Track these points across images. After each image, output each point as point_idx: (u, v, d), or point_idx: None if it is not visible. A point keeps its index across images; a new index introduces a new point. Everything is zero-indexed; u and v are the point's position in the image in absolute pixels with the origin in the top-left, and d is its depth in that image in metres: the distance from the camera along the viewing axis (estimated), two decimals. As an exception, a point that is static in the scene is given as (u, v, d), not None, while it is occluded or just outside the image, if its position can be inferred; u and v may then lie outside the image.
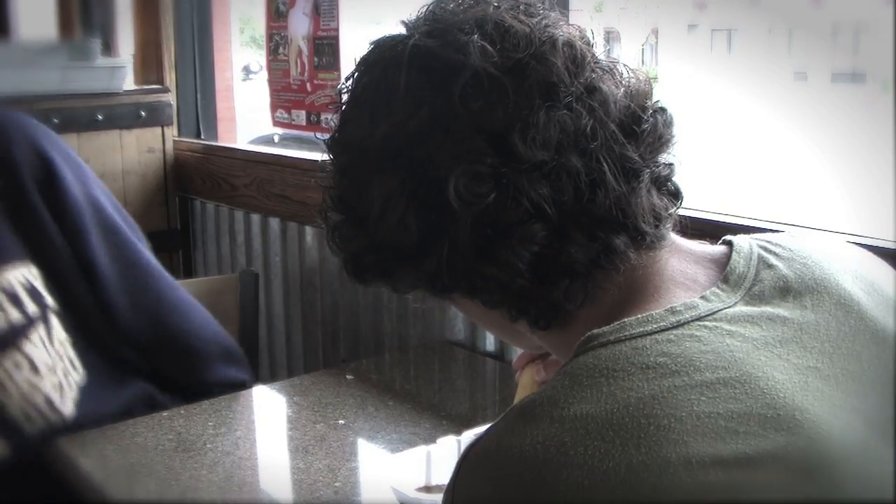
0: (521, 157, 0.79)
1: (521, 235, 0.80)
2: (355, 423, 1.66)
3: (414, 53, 0.83)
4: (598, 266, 0.82)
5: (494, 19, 0.83)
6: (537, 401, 0.75)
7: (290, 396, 1.77)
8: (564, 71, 0.81)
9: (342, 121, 0.90)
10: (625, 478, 0.67)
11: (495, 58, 0.81)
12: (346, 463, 1.50)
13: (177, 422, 1.67)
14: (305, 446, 1.56)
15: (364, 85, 0.88)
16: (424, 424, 1.64)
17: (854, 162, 10.60)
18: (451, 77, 0.81)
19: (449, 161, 0.80)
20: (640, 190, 0.83)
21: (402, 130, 0.83)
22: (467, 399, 1.85)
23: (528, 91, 0.80)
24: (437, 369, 2.06)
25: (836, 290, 0.84)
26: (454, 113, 0.80)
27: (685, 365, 0.73)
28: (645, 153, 0.84)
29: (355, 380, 1.85)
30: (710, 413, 0.70)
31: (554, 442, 0.70)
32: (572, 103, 0.81)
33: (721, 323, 0.78)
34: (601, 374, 0.74)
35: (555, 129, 0.79)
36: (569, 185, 0.80)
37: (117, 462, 1.54)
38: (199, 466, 1.49)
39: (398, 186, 0.82)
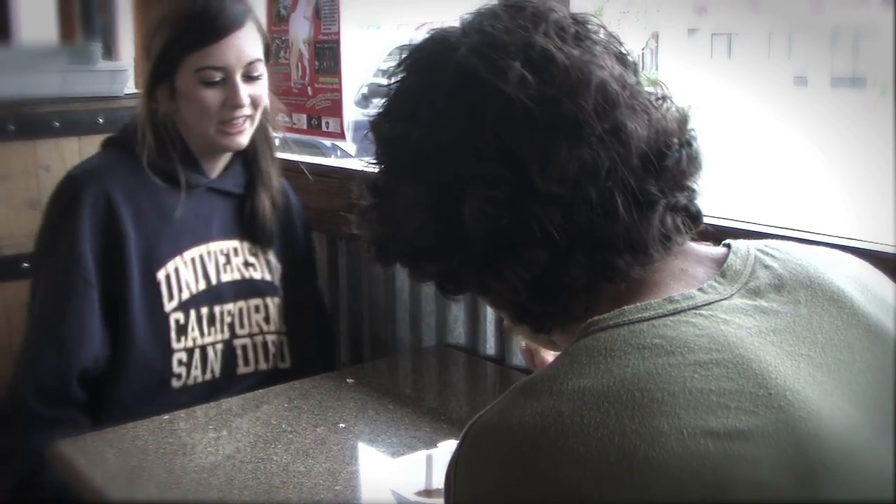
0: (538, 188, 0.82)
1: (525, 258, 0.84)
2: (356, 426, 1.67)
3: (457, 70, 0.86)
4: (597, 283, 0.86)
5: (541, 47, 0.85)
6: (538, 378, 0.79)
7: (291, 400, 1.77)
8: (593, 112, 0.83)
9: (388, 111, 0.93)
10: (618, 445, 0.71)
11: (532, 90, 0.83)
12: (346, 466, 1.51)
13: (178, 425, 1.67)
14: (306, 450, 1.56)
15: (409, 85, 0.91)
16: (425, 428, 1.64)
17: (854, 166, 10.59)
18: (486, 101, 0.84)
19: (469, 180, 0.84)
20: (653, 219, 0.85)
21: (434, 141, 0.86)
22: (468, 403, 1.85)
23: (555, 126, 0.83)
24: (437, 373, 2.06)
25: (830, 287, 0.87)
26: (483, 136, 0.84)
27: (680, 346, 0.77)
28: (665, 186, 0.87)
29: (356, 383, 1.85)
30: (703, 389, 0.73)
31: (552, 412, 0.74)
32: (595, 142, 0.83)
33: (717, 312, 0.81)
34: (599, 353, 0.77)
35: (573, 165, 0.82)
36: (581, 215, 0.83)
37: (118, 465, 1.54)
38: (199, 470, 1.49)
39: (422, 194, 0.87)
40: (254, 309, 1.96)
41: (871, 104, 15.53)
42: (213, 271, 1.91)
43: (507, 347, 1.99)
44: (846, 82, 18.66)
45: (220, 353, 1.91)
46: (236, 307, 1.94)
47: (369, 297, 2.35)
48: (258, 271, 1.99)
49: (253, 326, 1.96)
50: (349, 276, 2.40)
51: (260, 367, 1.96)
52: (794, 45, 20.49)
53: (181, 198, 1.87)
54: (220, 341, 1.91)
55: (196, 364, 1.88)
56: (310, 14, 2.40)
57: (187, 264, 1.88)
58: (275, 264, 2.03)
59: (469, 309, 2.07)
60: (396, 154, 0.91)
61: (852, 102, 15.99)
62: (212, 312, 1.90)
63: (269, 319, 1.98)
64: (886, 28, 14.79)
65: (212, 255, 1.92)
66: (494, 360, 2.03)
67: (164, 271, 1.85)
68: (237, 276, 1.95)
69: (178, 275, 1.86)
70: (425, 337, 2.20)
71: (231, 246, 1.96)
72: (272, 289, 2.00)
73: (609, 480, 0.70)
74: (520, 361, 1.97)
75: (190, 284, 1.87)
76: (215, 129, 1.84)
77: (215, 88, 1.80)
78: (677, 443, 0.70)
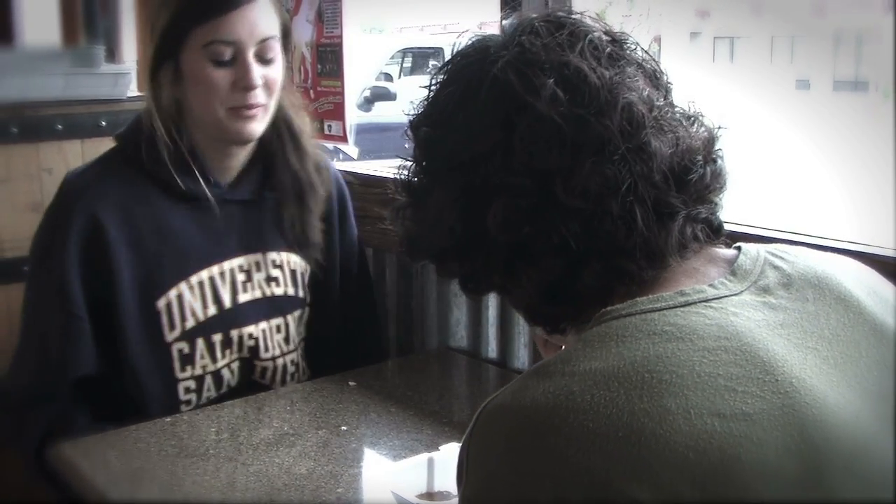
0: (560, 201, 0.86)
1: (542, 265, 0.89)
2: (358, 429, 1.67)
3: (493, 83, 0.90)
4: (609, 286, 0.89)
5: (575, 67, 0.89)
6: (550, 361, 0.82)
7: (293, 403, 1.77)
8: (618, 132, 0.87)
9: (427, 115, 0.97)
10: (627, 422, 0.73)
11: (563, 107, 0.87)
12: (348, 469, 1.51)
13: (179, 427, 1.67)
14: (308, 452, 1.56)
15: (448, 92, 0.95)
16: (426, 431, 1.64)
17: (856, 169, 10.60)
18: (518, 115, 0.88)
19: (497, 189, 0.88)
20: (672, 228, 0.89)
21: (467, 150, 0.90)
22: (469, 406, 1.85)
23: (581, 143, 0.86)
24: (439, 376, 2.06)
25: (837, 287, 0.89)
26: (513, 149, 0.87)
27: (689, 333, 0.79)
28: (688, 199, 0.90)
29: (357, 386, 1.85)
30: (711, 373, 0.76)
31: (563, 391, 0.77)
32: (618, 160, 0.86)
33: (727, 305, 0.84)
34: (611, 339, 0.80)
35: (596, 181, 0.86)
36: (600, 227, 0.86)
37: (120, 467, 1.54)
38: (201, 472, 1.49)
39: (453, 199, 0.92)
40: (275, 329, 1.85)
41: (873, 108, 15.54)
42: (228, 293, 1.78)
43: (509, 351, 1.99)
44: (848, 86, 18.67)
45: (237, 371, 1.82)
46: (258, 329, 1.81)
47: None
48: (280, 286, 1.86)
49: (275, 349, 1.85)
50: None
51: (276, 386, 1.87)
52: (797, 48, 20.51)
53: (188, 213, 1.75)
54: (237, 359, 1.81)
55: (209, 387, 1.79)
56: (312, 17, 2.40)
57: (193, 289, 1.74)
58: (302, 272, 1.90)
59: (471, 312, 2.07)
60: (432, 157, 0.96)
61: (854, 106, 16.01)
62: (227, 338, 1.78)
63: (290, 339, 1.87)
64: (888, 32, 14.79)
65: (226, 275, 1.78)
66: (496, 363, 2.03)
67: (164, 299, 1.72)
68: (258, 295, 1.82)
69: (182, 301, 1.73)
70: (427, 340, 2.20)
71: (253, 261, 1.82)
72: (293, 303, 1.88)
73: (617, 456, 0.72)
74: (521, 364, 1.97)
75: (196, 311, 1.74)
76: (225, 114, 1.68)
77: (225, 68, 1.65)
78: (684, 421, 0.72)
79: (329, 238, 1.94)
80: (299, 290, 1.90)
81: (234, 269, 1.79)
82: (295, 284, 1.89)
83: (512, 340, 1.98)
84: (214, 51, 1.64)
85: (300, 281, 1.90)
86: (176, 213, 1.75)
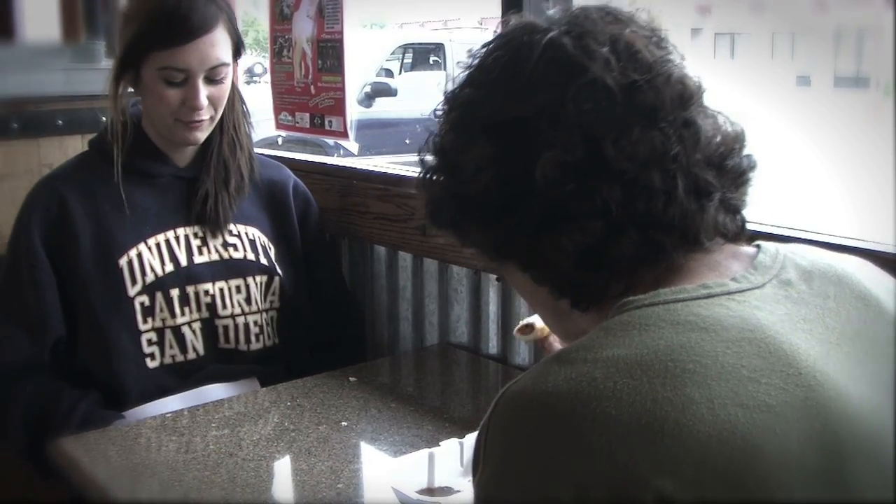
0: (607, 161, 0.86)
1: (580, 227, 0.87)
2: (358, 425, 1.67)
3: (548, 45, 0.91)
4: (641, 261, 0.89)
5: (627, 40, 0.91)
6: (572, 348, 0.81)
7: (293, 398, 1.77)
8: (669, 102, 0.88)
9: (467, 81, 0.97)
10: (650, 410, 0.73)
11: (615, 73, 0.88)
12: (348, 465, 1.51)
13: (180, 423, 1.67)
14: (308, 448, 1.56)
15: (495, 57, 0.95)
16: (427, 427, 1.65)
17: (856, 166, 10.59)
18: (572, 76, 0.88)
19: (544, 145, 0.87)
20: (709, 209, 0.89)
21: (514, 107, 0.90)
22: (470, 402, 1.85)
23: (633, 109, 0.87)
24: (439, 372, 2.06)
25: (857, 286, 0.91)
26: (564, 107, 0.88)
27: (713, 324, 0.79)
28: (724, 183, 0.91)
29: (358, 382, 1.86)
30: (734, 364, 0.76)
31: (586, 378, 0.76)
32: (667, 129, 0.87)
33: (749, 299, 0.84)
34: (633, 327, 0.80)
35: (644, 147, 0.86)
36: (642, 195, 0.86)
37: (121, 463, 1.54)
38: (202, 468, 1.49)
39: (494, 154, 0.91)
40: (235, 289, 1.98)
41: (873, 104, 15.53)
42: (184, 254, 1.94)
43: (510, 347, 2.00)
44: (849, 82, 18.66)
45: (199, 333, 1.93)
46: (215, 287, 1.95)
47: (372, 296, 2.36)
48: (239, 250, 2.00)
49: (235, 307, 1.97)
50: (352, 275, 2.40)
51: (240, 347, 1.97)
52: (798, 45, 20.50)
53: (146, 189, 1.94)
54: (198, 320, 1.93)
55: (170, 343, 1.90)
56: (313, 13, 2.40)
57: (151, 249, 1.91)
58: (263, 244, 2.04)
59: (471, 308, 2.08)
60: (474, 116, 0.94)
61: (855, 102, 16.00)
62: (184, 293, 1.92)
63: (251, 299, 1.99)
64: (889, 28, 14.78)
65: (181, 239, 1.95)
66: (497, 359, 2.03)
67: (125, 258, 1.88)
68: (215, 258, 1.97)
69: (142, 260, 1.89)
70: (428, 336, 2.20)
71: (207, 229, 1.98)
72: (255, 267, 2.01)
73: (639, 443, 0.72)
74: (522, 360, 1.97)
75: (155, 268, 1.90)
76: (174, 123, 1.88)
77: (176, 87, 1.83)
78: (707, 411, 0.72)
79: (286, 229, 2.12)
80: (260, 257, 2.03)
81: (188, 235, 1.97)
82: (255, 251, 2.03)
83: (512, 337, 1.98)
84: (168, 74, 1.83)
85: (261, 250, 2.04)
86: (135, 190, 1.94)
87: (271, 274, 2.03)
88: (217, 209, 1.97)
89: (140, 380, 1.87)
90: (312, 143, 5.60)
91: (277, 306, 2.03)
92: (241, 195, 2.02)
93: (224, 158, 1.99)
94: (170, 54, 1.80)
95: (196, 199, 1.96)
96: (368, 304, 2.36)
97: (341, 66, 2.36)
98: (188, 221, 1.97)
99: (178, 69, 1.81)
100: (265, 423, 1.68)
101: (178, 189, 1.98)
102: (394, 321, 2.30)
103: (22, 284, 1.88)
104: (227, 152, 1.99)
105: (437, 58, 10.16)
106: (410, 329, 2.25)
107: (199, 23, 1.81)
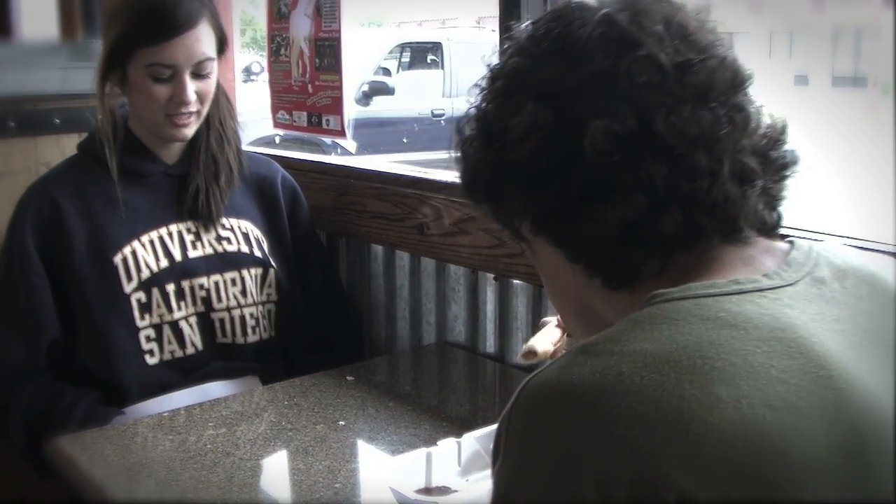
0: (657, 136, 0.85)
1: (624, 200, 0.86)
2: (355, 424, 1.67)
3: (603, 19, 0.90)
4: (680, 243, 0.88)
5: (681, 21, 0.91)
6: (599, 339, 0.80)
7: (291, 397, 1.77)
8: (721, 84, 0.88)
9: (516, 51, 0.96)
10: (676, 407, 0.72)
11: (669, 50, 0.88)
12: (346, 464, 1.51)
13: (177, 422, 1.67)
14: (305, 447, 1.56)
15: (547, 29, 0.94)
16: (424, 426, 1.64)
17: (855, 165, 10.59)
18: (626, 49, 0.88)
19: (595, 114, 0.86)
20: (751, 196, 0.88)
21: (567, 75, 0.89)
22: (467, 401, 1.85)
23: (685, 86, 0.87)
24: (437, 371, 2.06)
25: (890, 288, 0.90)
26: (617, 79, 0.87)
27: (743, 321, 0.78)
28: (767, 173, 0.90)
29: (355, 381, 1.85)
30: (764, 364, 0.74)
31: (612, 371, 0.75)
32: (718, 110, 0.87)
33: (781, 296, 0.83)
34: (662, 321, 0.79)
35: (694, 125, 0.85)
36: (687, 173, 0.85)
37: (118, 462, 1.54)
38: (199, 467, 1.49)
39: (545, 118, 0.89)
40: (230, 282, 1.99)
41: (872, 104, 15.53)
42: (178, 250, 1.95)
43: (507, 346, 1.99)
44: (847, 82, 18.66)
45: (196, 327, 1.94)
46: (210, 281, 1.96)
47: (369, 295, 2.35)
48: (233, 244, 2.02)
49: (230, 300, 1.98)
50: (349, 274, 2.40)
51: (237, 340, 1.98)
52: (796, 44, 20.49)
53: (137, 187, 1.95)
54: (194, 314, 1.95)
55: (169, 339, 1.91)
56: (311, 11, 2.40)
57: (146, 246, 1.92)
58: (256, 236, 2.06)
59: (469, 307, 2.07)
60: (522, 82, 0.93)
61: (853, 102, 15.99)
62: (179, 288, 1.93)
63: (247, 292, 2.00)
64: (888, 27, 14.78)
65: (174, 235, 1.96)
66: (494, 358, 2.03)
67: (120, 255, 1.89)
68: (210, 252, 1.98)
69: (136, 256, 1.90)
70: (425, 335, 2.20)
71: (200, 224, 2.00)
72: (250, 260, 2.02)
73: (664, 440, 0.71)
74: (519, 360, 1.97)
75: (150, 264, 1.91)
76: (162, 119, 1.89)
77: (164, 84, 1.85)
78: (735, 411, 0.71)
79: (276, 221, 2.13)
80: (255, 249, 2.04)
81: (181, 231, 1.98)
82: (249, 244, 2.04)
83: (510, 335, 1.98)
84: (155, 71, 1.84)
85: (255, 243, 2.05)
86: (126, 189, 1.95)
87: (266, 266, 2.04)
88: (209, 203, 1.98)
89: (140, 377, 1.87)
90: (310, 142, 5.59)
91: (275, 299, 2.04)
92: (232, 188, 2.04)
93: (212, 153, 2.01)
94: (157, 50, 1.82)
95: (187, 195, 1.98)
96: (366, 303, 2.36)
97: (339, 65, 2.36)
98: (180, 217, 1.98)
99: (165, 65, 1.83)
100: (262, 422, 1.68)
101: (169, 186, 2.00)
102: (391, 320, 2.30)
103: (15, 287, 1.88)
104: (216, 146, 2.01)
105: (435, 57, 10.15)
106: (408, 328, 2.25)
107: (184, 18, 1.83)
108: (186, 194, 1.98)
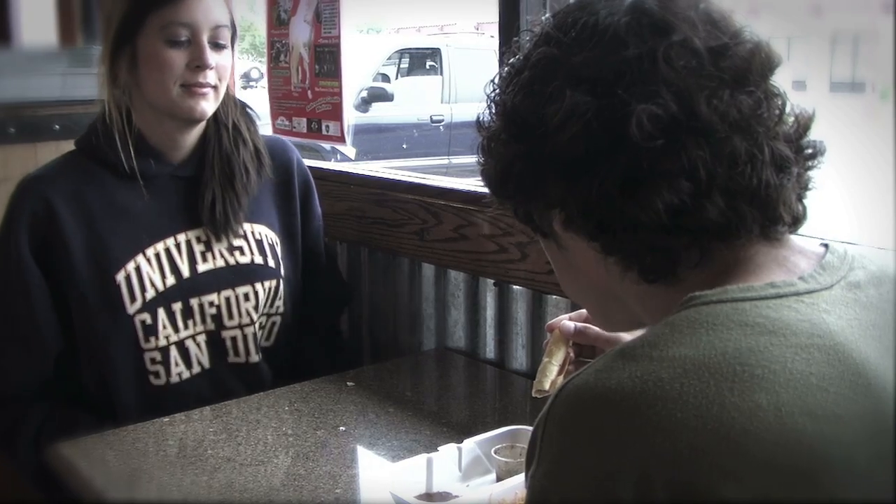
0: (699, 119, 0.84)
1: (669, 186, 0.84)
2: (356, 429, 1.67)
3: (635, 6, 0.89)
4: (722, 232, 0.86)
5: (709, 10, 0.90)
6: (637, 343, 0.79)
7: (291, 403, 1.77)
8: (757, 69, 0.88)
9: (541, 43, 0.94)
10: (716, 415, 0.71)
11: (702, 34, 0.87)
12: (346, 469, 1.51)
13: (178, 427, 1.67)
14: (306, 453, 1.56)
15: (574, 19, 0.92)
16: (425, 432, 1.64)
17: (854, 171, 10.59)
18: (662, 33, 0.87)
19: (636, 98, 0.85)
20: (787, 184, 0.88)
21: (603, 62, 0.88)
22: (468, 406, 1.85)
23: (723, 70, 0.86)
24: (437, 377, 2.06)
25: None
26: (656, 63, 0.86)
27: (782, 328, 0.77)
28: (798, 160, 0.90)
29: (356, 387, 1.85)
30: (803, 371, 0.74)
31: (652, 377, 0.75)
32: (756, 93, 0.87)
33: (818, 301, 0.82)
34: (701, 325, 0.78)
35: (734, 109, 0.85)
36: (728, 158, 0.85)
37: (118, 467, 1.54)
38: (199, 472, 1.49)
39: (586, 104, 0.87)
40: (243, 297, 1.88)
41: (870, 109, 15.54)
42: (186, 264, 1.83)
43: (507, 351, 1.99)
44: (846, 87, 18.67)
45: (204, 346, 1.85)
46: (221, 297, 1.85)
47: (370, 300, 2.36)
48: (246, 254, 1.89)
49: (243, 317, 1.87)
50: (349, 279, 2.40)
51: (251, 359, 1.90)
52: (794, 49, 20.50)
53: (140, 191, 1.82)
54: (203, 332, 1.84)
55: (175, 361, 1.82)
56: (310, 18, 2.40)
57: (151, 261, 1.80)
58: (271, 241, 1.95)
59: (469, 313, 2.07)
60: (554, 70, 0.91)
61: (852, 107, 16.00)
62: (187, 307, 1.82)
63: (259, 307, 1.89)
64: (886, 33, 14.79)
65: (182, 246, 1.84)
66: (494, 363, 2.03)
67: (123, 272, 1.78)
68: (220, 264, 1.86)
69: (140, 273, 1.78)
70: (425, 340, 2.20)
71: (211, 232, 1.86)
72: (262, 272, 1.90)
73: (704, 448, 0.71)
74: (519, 365, 1.97)
75: (156, 282, 1.79)
76: (178, 92, 1.76)
77: (180, 49, 1.74)
78: (775, 419, 0.71)
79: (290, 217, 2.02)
80: (268, 259, 1.93)
81: (190, 240, 1.85)
82: (263, 253, 1.92)
83: (510, 341, 1.98)
84: (171, 32, 1.74)
85: (269, 251, 1.93)
86: (128, 192, 1.82)
87: (279, 278, 1.93)
88: (226, 213, 1.84)
89: (143, 399, 1.80)
90: (309, 148, 5.58)
91: (281, 312, 1.96)
92: (250, 194, 1.89)
93: (226, 153, 1.86)
94: (172, 10, 1.73)
95: (203, 204, 1.84)
96: (366, 308, 2.36)
97: (338, 71, 2.36)
98: (189, 224, 1.85)
99: (183, 24, 1.73)
100: (263, 427, 1.68)
101: (176, 190, 1.85)
102: (391, 326, 2.29)
103: (15, 297, 1.78)
104: (229, 146, 1.87)
105: (434, 62, 10.16)
106: (408, 334, 2.25)
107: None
108: (197, 200, 1.84)
